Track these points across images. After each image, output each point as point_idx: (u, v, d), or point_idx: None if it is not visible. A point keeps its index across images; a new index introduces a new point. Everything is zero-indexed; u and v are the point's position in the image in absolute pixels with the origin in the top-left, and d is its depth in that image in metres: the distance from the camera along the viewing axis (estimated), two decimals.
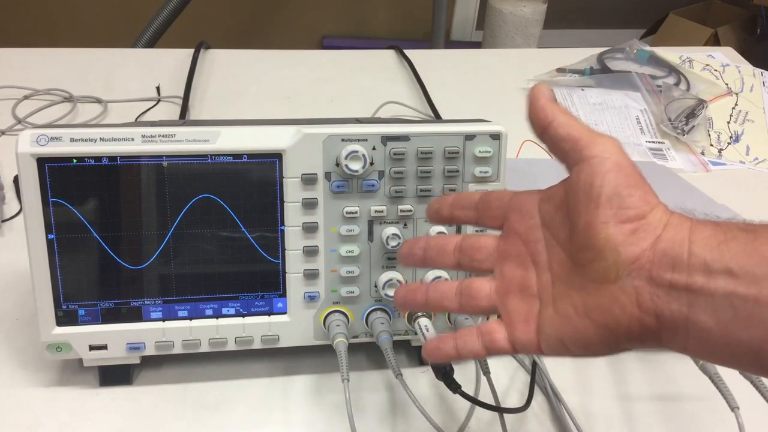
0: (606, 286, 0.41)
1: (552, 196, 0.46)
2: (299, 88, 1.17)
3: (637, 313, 0.40)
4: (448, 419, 0.62)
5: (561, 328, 0.43)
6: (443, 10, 2.65)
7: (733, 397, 0.57)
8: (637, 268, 0.40)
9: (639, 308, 0.40)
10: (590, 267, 0.41)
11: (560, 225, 0.44)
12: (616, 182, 0.41)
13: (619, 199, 0.41)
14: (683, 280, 0.38)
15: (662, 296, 0.39)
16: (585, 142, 0.43)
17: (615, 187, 0.41)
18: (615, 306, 0.40)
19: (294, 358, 0.67)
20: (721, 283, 0.37)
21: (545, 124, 0.45)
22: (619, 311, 0.40)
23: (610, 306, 0.41)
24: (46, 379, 0.64)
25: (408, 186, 0.62)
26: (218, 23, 2.97)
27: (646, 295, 0.39)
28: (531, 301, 0.45)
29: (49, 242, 0.58)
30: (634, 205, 0.41)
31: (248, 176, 0.60)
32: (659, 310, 0.39)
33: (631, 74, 1.20)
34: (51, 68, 1.16)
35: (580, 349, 0.43)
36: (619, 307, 0.40)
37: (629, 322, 0.40)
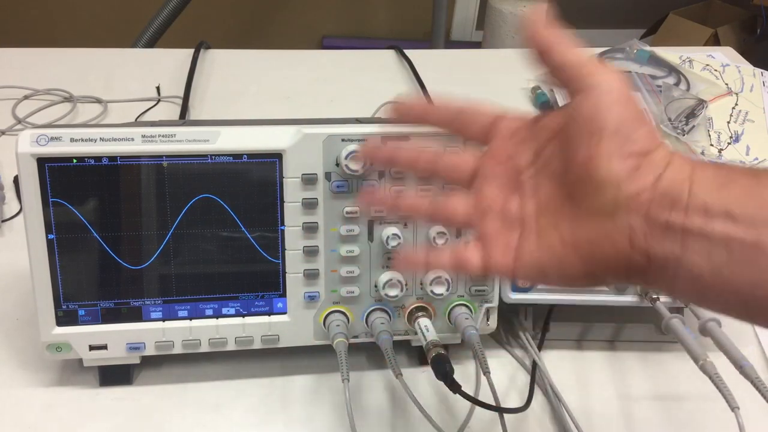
0: (599, 221, 0.40)
1: (547, 124, 0.44)
2: (299, 88, 1.17)
3: (628, 250, 0.39)
4: (448, 419, 0.62)
5: (543, 257, 0.42)
6: (443, 10, 2.65)
7: (733, 397, 0.57)
8: (636, 206, 0.38)
9: (631, 246, 0.39)
10: (586, 200, 0.40)
11: (554, 154, 0.43)
12: (622, 115, 0.39)
13: (624, 132, 0.39)
14: (680, 220, 0.37)
15: (656, 236, 0.38)
16: (589, 70, 0.41)
17: (620, 121, 0.39)
18: (606, 241, 0.39)
19: (294, 358, 0.67)
20: (719, 225, 0.36)
21: (545, 49, 0.43)
22: (609, 247, 0.39)
23: (601, 241, 0.40)
24: (46, 379, 0.64)
25: (408, 186, 0.61)
26: (218, 23, 2.96)
27: (640, 233, 0.38)
28: (511, 227, 0.44)
29: (49, 242, 0.58)
30: (640, 140, 0.39)
31: (248, 176, 0.60)
32: (651, 250, 0.38)
33: (631, 74, 1.20)
34: (51, 68, 1.16)
35: (561, 278, 0.42)
36: (610, 243, 0.39)
37: (618, 259, 0.39)
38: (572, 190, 0.41)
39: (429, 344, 0.59)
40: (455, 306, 0.64)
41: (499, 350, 0.70)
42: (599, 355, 0.70)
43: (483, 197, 0.45)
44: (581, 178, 0.40)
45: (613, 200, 0.39)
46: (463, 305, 0.64)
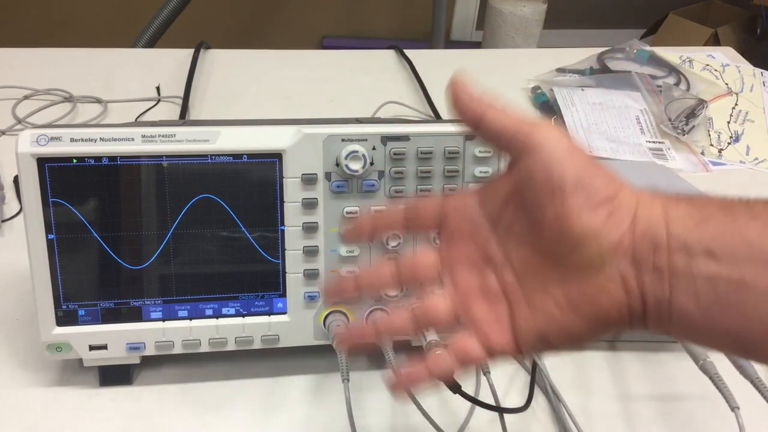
0: (590, 276, 0.39)
1: (496, 192, 0.43)
2: (299, 88, 1.17)
3: (625, 298, 0.39)
4: (448, 419, 0.62)
5: (543, 325, 0.41)
6: (443, 10, 2.65)
7: (733, 397, 0.57)
8: (621, 253, 0.38)
9: (626, 293, 0.38)
10: (569, 259, 0.39)
11: (514, 218, 0.42)
12: (575, 167, 0.39)
13: (584, 184, 0.39)
14: (665, 261, 0.37)
15: (646, 279, 0.38)
16: (527, 130, 0.41)
17: (576, 173, 0.39)
18: (602, 295, 0.39)
19: (294, 358, 0.67)
20: (702, 264, 0.36)
21: (476, 118, 0.43)
22: (606, 300, 0.39)
23: (597, 295, 0.39)
24: (46, 379, 0.64)
25: (408, 186, 0.61)
26: (218, 23, 2.97)
27: (632, 279, 0.38)
28: (497, 302, 0.43)
29: (49, 242, 0.58)
30: (602, 187, 0.39)
31: (248, 176, 0.60)
32: (644, 293, 0.38)
33: (631, 74, 1.20)
34: (51, 68, 1.16)
35: (566, 343, 0.41)
36: (607, 296, 0.39)
37: (618, 309, 0.39)
38: (550, 250, 0.40)
39: (429, 344, 0.59)
40: None
41: None
42: (599, 355, 0.70)
43: (458, 285, 0.44)
44: (557, 238, 0.40)
45: (597, 252, 0.38)
46: None
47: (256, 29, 3.10)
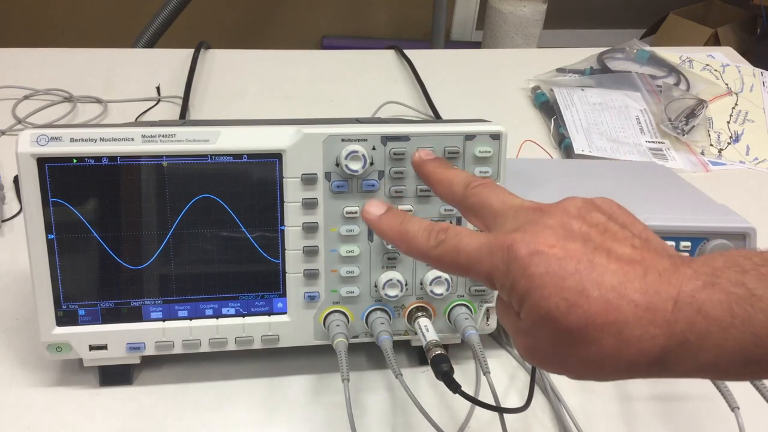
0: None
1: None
2: (299, 88, 1.17)
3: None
4: (448, 419, 0.62)
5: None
6: (443, 10, 2.65)
7: (733, 397, 0.57)
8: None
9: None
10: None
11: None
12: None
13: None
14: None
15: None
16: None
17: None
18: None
19: (294, 358, 0.67)
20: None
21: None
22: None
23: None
24: (46, 379, 0.64)
25: (408, 186, 0.62)
26: (218, 23, 2.96)
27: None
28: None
29: (49, 242, 0.58)
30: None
31: (248, 176, 0.60)
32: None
33: (631, 74, 1.20)
34: (51, 68, 1.16)
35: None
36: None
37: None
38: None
39: (429, 344, 0.59)
40: (455, 306, 0.64)
41: (499, 350, 0.70)
42: None
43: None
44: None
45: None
46: (463, 305, 0.64)
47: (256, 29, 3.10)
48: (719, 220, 0.67)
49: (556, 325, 0.36)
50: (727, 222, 0.67)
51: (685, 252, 0.66)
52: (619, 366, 0.36)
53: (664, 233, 0.66)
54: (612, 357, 0.36)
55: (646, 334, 0.35)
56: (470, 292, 0.65)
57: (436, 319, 0.64)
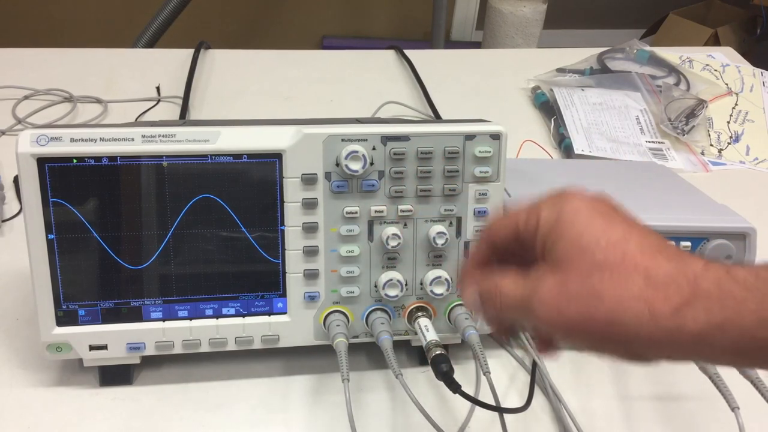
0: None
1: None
2: (299, 88, 1.17)
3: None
4: (448, 419, 0.62)
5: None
6: (443, 10, 2.65)
7: (733, 397, 0.57)
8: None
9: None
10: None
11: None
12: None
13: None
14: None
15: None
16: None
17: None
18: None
19: (294, 358, 0.67)
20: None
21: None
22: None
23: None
24: (46, 379, 0.64)
25: (408, 186, 0.61)
26: (218, 23, 2.96)
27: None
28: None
29: (49, 242, 0.58)
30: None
31: (248, 176, 0.60)
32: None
33: (631, 74, 1.20)
34: (51, 68, 1.16)
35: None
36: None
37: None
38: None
39: (429, 344, 0.59)
40: (455, 306, 0.64)
41: (499, 350, 0.70)
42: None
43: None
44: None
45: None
46: (463, 305, 0.64)
47: (256, 29, 3.10)
48: (719, 220, 0.67)
49: (591, 259, 0.39)
50: (727, 222, 0.67)
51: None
52: (640, 308, 0.37)
53: (664, 233, 0.66)
54: (635, 297, 0.37)
55: (672, 281, 0.37)
56: None
57: (436, 319, 0.64)
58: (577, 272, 0.39)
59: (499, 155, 0.62)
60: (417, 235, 0.63)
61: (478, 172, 0.62)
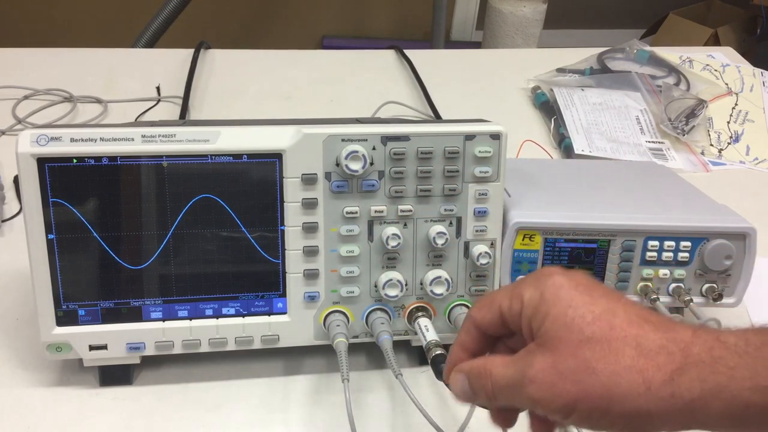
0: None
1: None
2: (299, 88, 1.17)
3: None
4: (448, 419, 0.62)
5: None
6: (443, 10, 2.65)
7: None
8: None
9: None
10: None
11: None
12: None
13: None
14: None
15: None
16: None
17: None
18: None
19: (294, 358, 0.67)
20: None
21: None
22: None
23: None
24: (46, 379, 0.64)
25: (408, 186, 0.61)
26: (218, 23, 2.96)
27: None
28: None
29: (49, 242, 0.58)
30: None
31: (248, 176, 0.60)
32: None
33: (631, 74, 1.20)
34: (51, 68, 1.16)
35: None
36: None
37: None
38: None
39: (429, 344, 0.59)
40: (455, 306, 0.64)
41: None
42: None
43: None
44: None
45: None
46: (463, 305, 0.64)
47: (256, 29, 3.10)
48: (719, 220, 0.67)
49: (579, 334, 0.39)
50: (727, 222, 0.67)
51: (685, 252, 0.66)
52: (634, 378, 0.37)
53: (664, 233, 0.66)
54: (628, 368, 0.37)
55: (663, 349, 0.37)
56: (470, 292, 0.65)
57: (436, 319, 0.64)
58: (567, 349, 0.39)
59: (499, 155, 0.62)
60: (417, 235, 0.63)
61: (478, 172, 0.62)
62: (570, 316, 0.39)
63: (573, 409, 0.38)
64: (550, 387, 0.39)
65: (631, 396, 0.37)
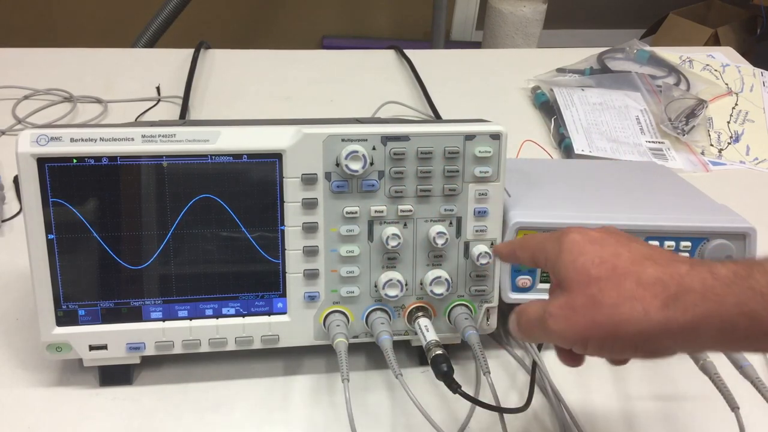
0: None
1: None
2: (299, 88, 1.17)
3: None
4: (448, 419, 0.62)
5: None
6: (443, 10, 2.65)
7: (733, 397, 0.57)
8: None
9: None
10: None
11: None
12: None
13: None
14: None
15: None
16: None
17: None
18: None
19: (294, 358, 0.67)
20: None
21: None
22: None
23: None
24: (46, 379, 0.64)
25: (408, 186, 0.61)
26: (218, 23, 2.96)
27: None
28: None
29: (49, 242, 0.58)
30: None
31: (248, 176, 0.60)
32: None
33: (631, 74, 1.20)
34: (51, 68, 1.16)
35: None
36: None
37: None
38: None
39: (429, 344, 0.59)
40: (455, 306, 0.64)
41: (499, 350, 0.70)
42: None
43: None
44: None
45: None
46: (463, 305, 0.64)
47: (256, 29, 3.10)
48: (719, 220, 0.67)
49: (587, 275, 0.45)
50: (727, 222, 0.67)
51: (685, 252, 0.66)
52: (634, 306, 0.43)
53: (664, 233, 0.66)
54: (629, 299, 0.43)
55: (659, 281, 0.43)
56: (470, 292, 0.65)
57: (436, 319, 0.64)
58: (578, 288, 0.45)
59: (499, 155, 0.62)
60: (417, 235, 0.63)
61: (478, 172, 0.62)
62: (580, 262, 0.46)
63: (587, 338, 0.45)
64: (565, 320, 0.45)
65: (633, 321, 0.43)
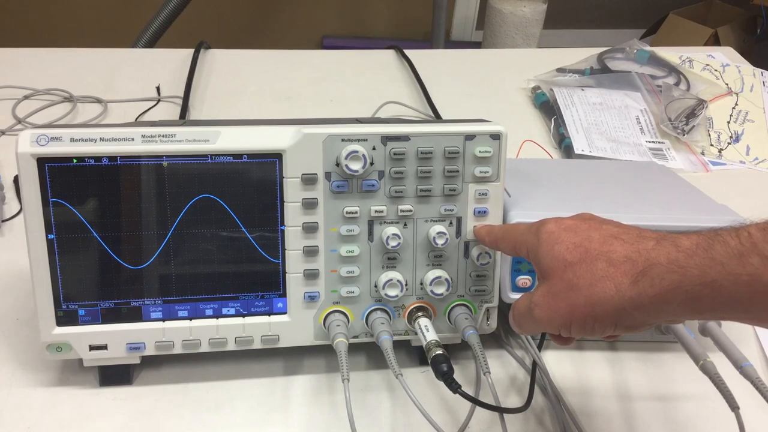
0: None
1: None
2: (299, 88, 1.17)
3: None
4: (448, 419, 0.62)
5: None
6: (443, 10, 2.65)
7: (733, 397, 0.57)
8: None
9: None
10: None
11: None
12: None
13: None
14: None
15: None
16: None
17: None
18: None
19: (294, 358, 0.67)
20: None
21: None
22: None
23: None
24: (46, 379, 0.64)
25: (408, 186, 0.62)
26: (218, 23, 2.96)
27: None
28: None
29: (49, 242, 0.58)
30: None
31: (248, 176, 0.60)
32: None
33: (631, 74, 1.20)
34: (51, 68, 1.16)
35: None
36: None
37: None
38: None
39: (429, 344, 0.59)
40: (455, 306, 0.64)
41: (499, 350, 0.70)
42: (599, 355, 0.70)
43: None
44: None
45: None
46: (463, 305, 0.64)
47: (256, 29, 3.10)
48: (719, 220, 0.67)
49: (563, 262, 0.48)
50: (727, 222, 0.66)
51: None
52: (607, 285, 0.45)
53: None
54: (601, 278, 0.46)
55: (628, 259, 0.46)
56: (470, 292, 0.65)
57: (436, 319, 0.64)
58: (556, 275, 0.48)
59: (499, 155, 0.62)
60: (417, 235, 0.63)
61: (478, 172, 0.62)
62: (557, 250, 0.49)
63: (570, 321, 0.47)
64: (548, 307, 0.48)
65: (607, 299, 0.45)
